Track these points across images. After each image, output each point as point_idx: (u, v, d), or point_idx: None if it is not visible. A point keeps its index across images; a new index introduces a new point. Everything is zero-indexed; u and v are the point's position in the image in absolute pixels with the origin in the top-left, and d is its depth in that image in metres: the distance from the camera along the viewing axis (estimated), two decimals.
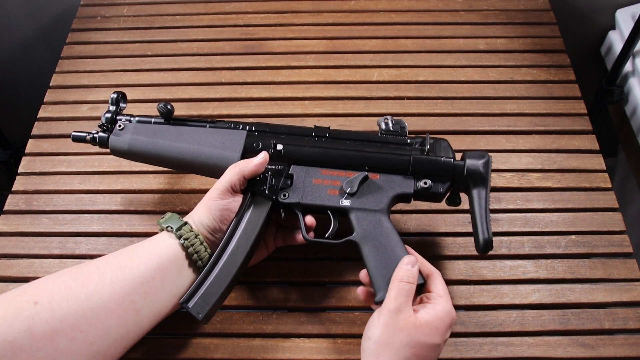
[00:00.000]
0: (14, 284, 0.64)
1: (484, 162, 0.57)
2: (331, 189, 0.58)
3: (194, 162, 0.60)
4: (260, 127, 0.61)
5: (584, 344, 0.59)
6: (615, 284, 0.63)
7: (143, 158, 0.62)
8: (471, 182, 0.57)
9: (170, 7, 0.92)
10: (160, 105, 0.61)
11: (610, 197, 0.69)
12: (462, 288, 0.63)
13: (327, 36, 0.87)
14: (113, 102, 0.63)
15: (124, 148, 0.61)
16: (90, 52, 0.87)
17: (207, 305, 0.53)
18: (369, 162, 0.59)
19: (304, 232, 0.57)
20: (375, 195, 0.57)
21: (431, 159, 0.58)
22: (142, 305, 0.51)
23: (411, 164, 0.58)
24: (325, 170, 0.59)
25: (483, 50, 0.85)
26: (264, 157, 0.58)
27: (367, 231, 0.56)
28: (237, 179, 0.57)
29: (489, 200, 0.57)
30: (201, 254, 0.55)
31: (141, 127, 0.62)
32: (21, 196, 0.71)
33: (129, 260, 0.52)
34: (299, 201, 0.57)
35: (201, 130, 0.61)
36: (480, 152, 0.58)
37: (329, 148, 0.59)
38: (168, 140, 0.61)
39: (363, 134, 0.61)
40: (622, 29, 0.96)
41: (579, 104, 0.79)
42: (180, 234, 0.54)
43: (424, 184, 0.58)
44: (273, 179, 0.58)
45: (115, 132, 0.62)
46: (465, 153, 0.59)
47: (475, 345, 0.59)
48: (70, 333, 0.47)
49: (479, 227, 0.55)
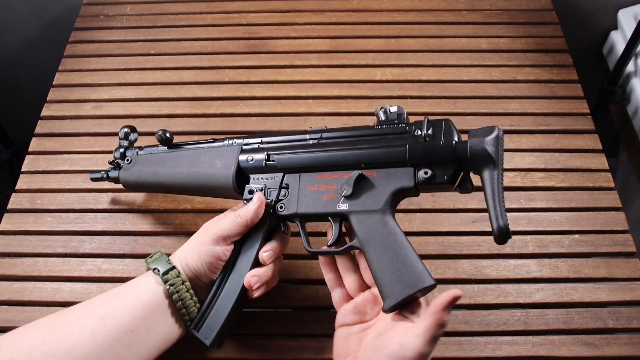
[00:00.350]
0: (18, 282, 0.64)
1: (492, 139, 0.50)
2: (327, 194, 0.54)
3: (194, 184, 0.59)
4: (252, 138, 0.59)
5: (588, 342, 0.59)
6: (618, 283, 0.63)
7: (152, 188, 0.63)
8: (479, 164, 0.50)
9: (173, 6, 0.92)
10: (159, 133, 0.61)
11: (613, 197, 0.69)
12: (466, 287, 0.63)
13: (330, 35, 0.87)
14: (124, 136, 0.63)
15: (133, 181, 0.63)
16: (93, 50, 0.87)
17: (214, 330, 0.53)
18: (363, 159, 0.54)
19: (305, 244, 0.55)
20: (373, 194, 0.53)
21: (428, 145, 0.52)
22: (125, 356, 0.49)
23: (408, 154, 0.52)
24: (321, 174, 0.55)
25: (486, 49, 0.85)
26: (260, 198, 0.55)
27: (369, 234, 0.52)
28: (239, 231, 0.54)
29: (501, 180, 0.49)
30: (186, 302, 0.52)
31: (145, 157, 0.63)
32: (25, 195, 0.71)
33: (111, 309, 0.50)
34: (295, 212, 0.55)
35: (198, 151, 0.60)
36: (487, 128, 0.51)
37: (320, 151, 0.56)
38: (168, 167, 0.61)
39: (358, 129, 0.57)
40: (624, 29, 0.97)
41: (581, 103, 0.79)
42: (166, 279, 0.52)
43: (425, 174, 0.51)
44: (269, 192, 0.57)
45: (124, 167, 0.63)
46: (470, 131, 0.51)
47: (479, 344, 0.59)
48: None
49: (492, 214, 0.48)
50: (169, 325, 0.52)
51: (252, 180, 0.58)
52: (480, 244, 0.65)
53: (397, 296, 0.48)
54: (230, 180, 0.57)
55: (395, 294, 0.49)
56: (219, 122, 0.77)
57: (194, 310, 0.53)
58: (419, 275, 0.49)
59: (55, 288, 0.63)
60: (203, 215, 0.68)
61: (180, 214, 0.69)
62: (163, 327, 0.52)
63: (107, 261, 0.65)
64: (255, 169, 0.58)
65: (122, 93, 0.81)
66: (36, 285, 0.63)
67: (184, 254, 0.55)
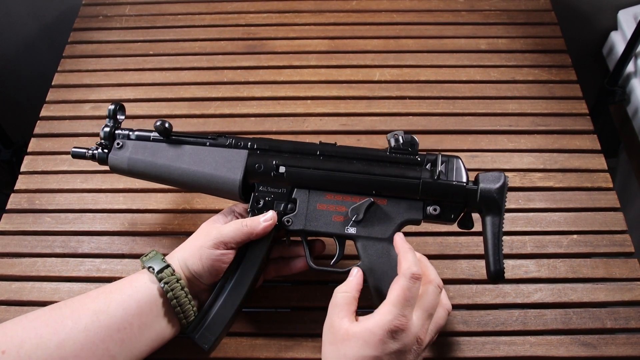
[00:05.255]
0: (16, 282, 0.64)
1: (499, 187, 0.53)
2: (336, 215, 0.55)
3: (195, 183, 0.58)
4: (261, 144, 0.58)
5: (586, 343, 0.59)
6: (616, 284, 0.63)
7: (143, 177, 0.60)
8: (484, 208, 0.53)
9: (172, 7, 0.92)
10: (158, 123, 0.58)
11: (611, 197, 0.69)
12: (465, 287, 0.63)
13: (329, 36, 0.87)
14: (110, 114, 0.60)
15: (124, 167, 0.59)
16: (92, 51, 0.87)
17: (213, 336, 0.53)
18: (376, 186, 0.55)
19: (309, 259, 0.56)
20: (382, 222, 0.54)
21: (442, 184, 0.54)
22: (117, 352, 0.49)
23: (420, 190, 0.54)
24: (330, 194, 0.56)
25: (485, 50, 0.85)
26: (272, 217, 0.54)
27: (373, 261, 0.53)
28: (241, 239, 0.53)
29: (502, 226, 0.53)
30: (181, 300, 0.52)
31: (140, 146, 0.59)
32: (23, 195, 0.71)
33: (106, 305, 0.50)
34: (303, 228, 0.55)
35: (201, 150, 0.58)
36: (496, 175, 0.54)
37: (334, 171, 0.56)
38: (167, 160, 0.58)
39: (370, 153, 0.57)
40: (624, 29, 0.97)
41: (580, 104, 0.79)
42: (161, 277, 0.52)
43: (434, 211, 0.54)
44: (277, 204, 0.56)
45: (113, 150, 0.59)
46: (479, 175, 0.55)
47: (477, 344, 0.59)
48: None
49: (491, 257, 0.52)
50: (162, 324, 0.52)
51: (258, 189, 0.57)
52: (478, 244, 0.65)
53: None
54: (237, 186, 0.56)
55: None
56: (218, 123, 0.77)
57: (189, 308, 0.53)
58: None
59: (53, 288, 0.63)
60: (202, 216, 0.68)
61: (179, 214, 0.69)
62: (156, 325, 0.52)
63: (105, 261, 0.65)
64: (262, 178, 0.57)
65: (121, 93, 0.81)
66: (35, 285, 0.63)
67: (183, 254, 0.54)
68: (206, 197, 0.69)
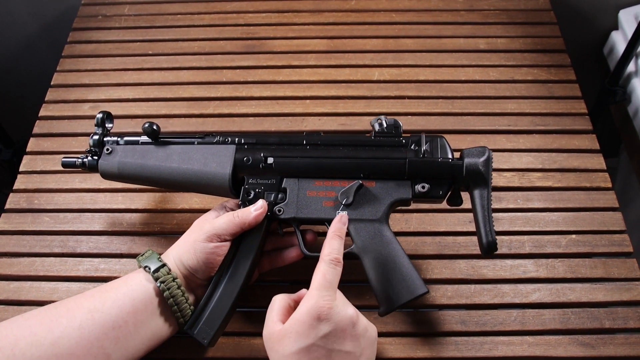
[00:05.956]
0: (15, 282, 0.64)
1: (484, 160, 0.55)
2: (326, 200, 0.56)
3: (185, 181, 0.58)
4: (248, 138, 0.59)
5: (584, 343, 0.58)
6: (615, 284, 0.62)
7: (134, 180, 0.60)
8: (471, 182, 0.55)
9: (171, 7, 0.92)
10: (146, 125, 0.58)
11: (610, 197, 0.69)
12: (463, 287, 0.62)
13: (328, 35, 0.87)
14: (99, 123, 0.60)
15: (114, 171, 0.59)
16: (92, 51, 0.87)
17: (212, 330, 0.53)
18: (363, 169, 0.56)
19: (302, 247, 0.56)
20: (372, 203, 0.56)
21: (428, 161, 0.56)
22: (112, 350, 0.49)
23: (407, 168, 0.56)
24: (319, 181, 0.57)
25: (484, 49, 0.85)
26: (263, 205, 0.55)
27: (367, 242, 0.55)
28: (234, 231, 0.54)
29: (490, 199, 0.55)
30: (177, 299, 0.52)
31: (129, 149, 0.59)
32: (22, 195, 0.71)
33: (101, 303, 0.50)
34: (294, 216, 0.56)
35: (189, 148, 0.59)
36: (479, 149, 0.56)
37: (320, 158, 0.57)
38: (157, 161, 0.58)
39: (356, 138, 0.59)
40: (625, 29, 0.96)
41: (579, 103, 0.79)
42: (157, 276, 0.52)
43: (422, 188, 0.56)
44: (267, 195, 0.57)
45: (103, 156, 0.59)
46: (464, 151, 0.57)
47: (475, 344, 0.59)
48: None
49: (482, 229, 0.54)
50: (158, 322, 0.52)
51: (248, 182, 0.58)
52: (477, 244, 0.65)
53: (392, 303, 0.54)
54: (226, 180, 0.57)
55: (391, 301, 0.53)
56: (217, 122, 0.78)
57: (186, 307, 0.53)
58: (413, 284, 0.54)
59: (52, 288, 0.63)
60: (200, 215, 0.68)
61: (177, 214, 0.69)
62: (152, 323, 0.52)
63: (104, 261, 0.65)
64: (251, 170, 0.58)
65: (120, 93, 0.81)
66: (33, 285, 0.64)
67: (178, 250, 0.55)
68: (204, 196, 0.69)
